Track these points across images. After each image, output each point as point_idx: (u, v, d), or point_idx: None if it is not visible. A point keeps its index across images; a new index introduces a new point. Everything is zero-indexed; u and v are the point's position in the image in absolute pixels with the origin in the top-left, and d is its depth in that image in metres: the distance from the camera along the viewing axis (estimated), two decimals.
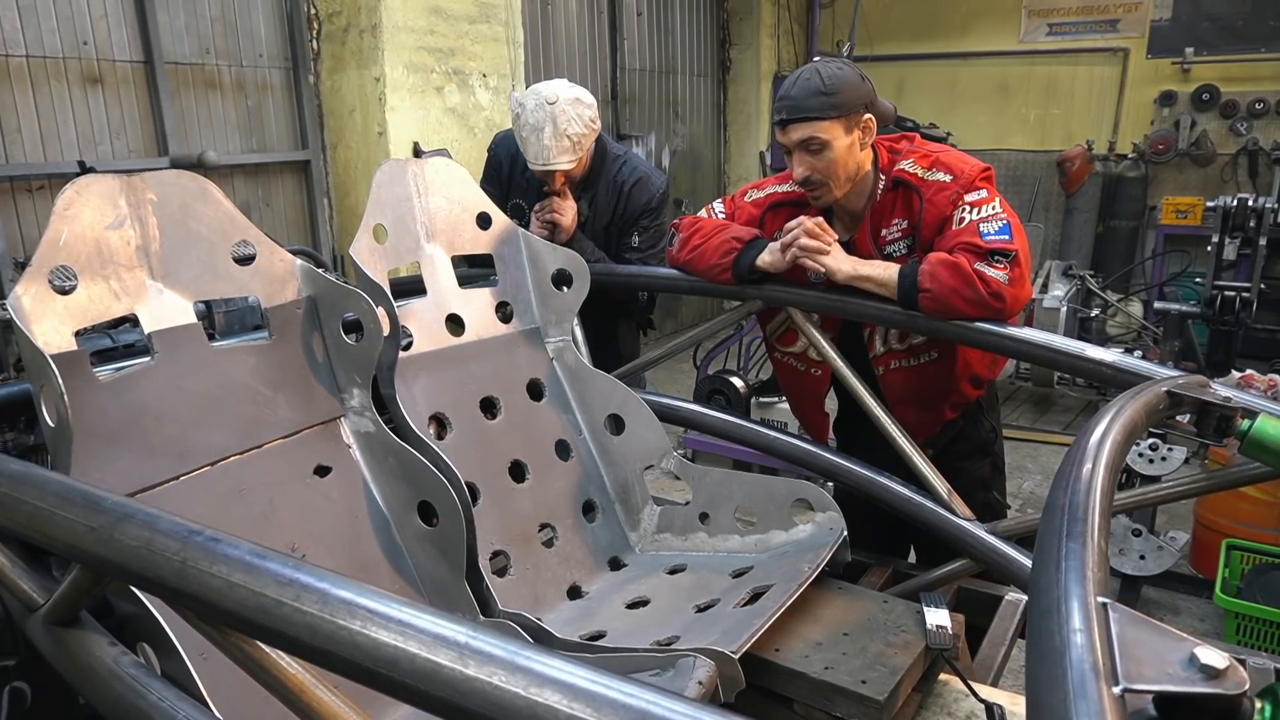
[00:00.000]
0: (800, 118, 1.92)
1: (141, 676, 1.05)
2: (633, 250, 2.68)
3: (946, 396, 2.14)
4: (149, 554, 0.84)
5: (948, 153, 2.02)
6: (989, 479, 2.29)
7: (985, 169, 1.97)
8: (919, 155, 2.01)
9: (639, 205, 2.68)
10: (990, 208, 1.89)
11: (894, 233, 2.02)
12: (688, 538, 1.97)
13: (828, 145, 1.92)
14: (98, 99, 3.59)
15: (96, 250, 1.40)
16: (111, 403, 1.37)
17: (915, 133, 2.11)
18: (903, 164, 2.01)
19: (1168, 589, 3.62)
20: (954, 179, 1.93)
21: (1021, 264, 1.85)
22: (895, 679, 1.41)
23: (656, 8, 7.10)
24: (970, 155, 2.03)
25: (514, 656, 0.66)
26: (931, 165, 1.98)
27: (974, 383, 2.16)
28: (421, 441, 1.67)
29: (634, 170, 2.70)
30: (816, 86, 1.90)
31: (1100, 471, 0.95)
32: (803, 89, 1.92)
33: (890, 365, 2.12)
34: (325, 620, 0.72)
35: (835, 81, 1.90)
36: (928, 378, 2.11)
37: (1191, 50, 7.10)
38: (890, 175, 2.01)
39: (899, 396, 2.09)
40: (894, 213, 2.02)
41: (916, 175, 1.98)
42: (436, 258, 1.95)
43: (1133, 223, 7.28)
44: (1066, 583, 0.74)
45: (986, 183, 1.94)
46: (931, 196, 1.94)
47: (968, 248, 1.85)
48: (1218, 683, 0.63)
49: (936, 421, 2.17)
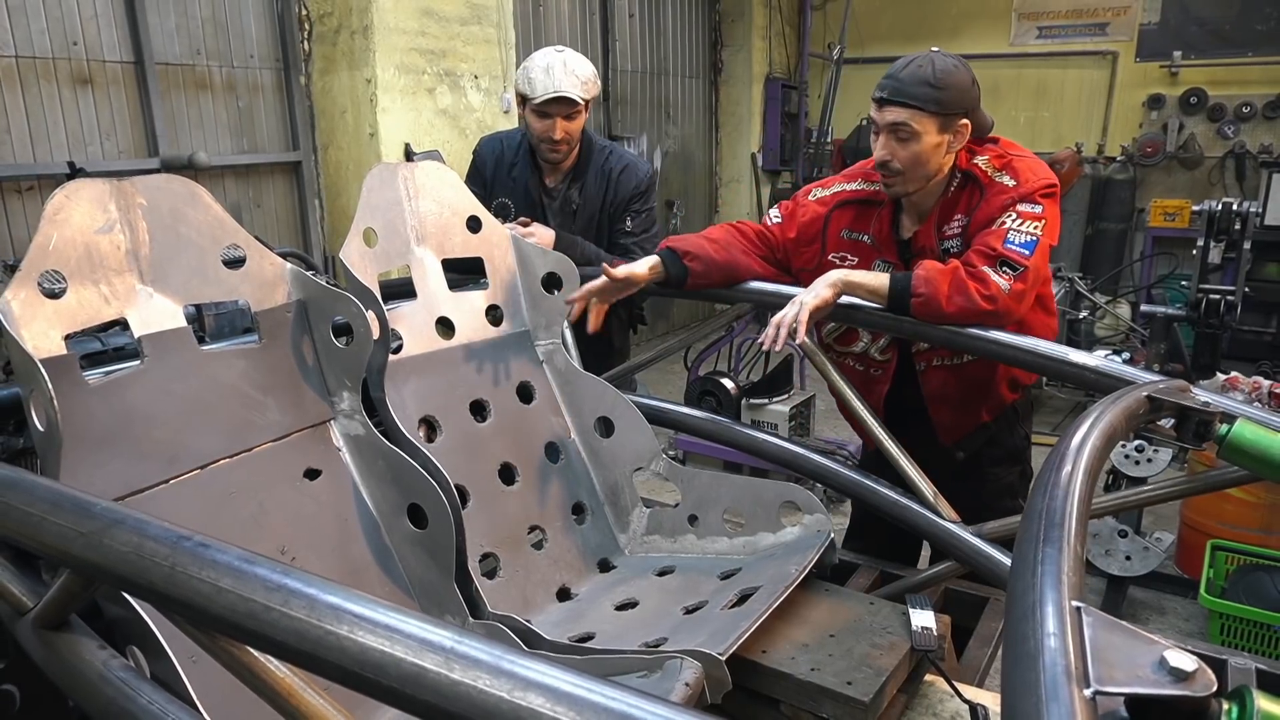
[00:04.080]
0: (899, 101, 1.88)
1: (131, 680, 1.05)
2: (627, 235, 2.72)
3: (984, 399, 2.13)
4: (138, 559, 0.85)
5: (1024, 159, 1.99)
6: (1016, 486, 2.27)
7: (1051, 184, 1.93)
8: (995, 154, 1.99)
9: (628, 190, 2.74)
10: (1034, 225, 1.86)
11: (954, 228, 2.00)
12: (676, 540, 1.99)
13: (917, 137, 1.89)
14: (88, 100, 3.58)
15: (86, 254, 1.40)
16: (101, 406, 1.38)
17: (1000, 136, 2.09)
18: (978, 159, 1.99)
19: (1154, 589, 3.65)
20: (1017, 185, 1.91)
21: (1028, 280, 1.85)
22: (881, 680, 1.43)
23: (648, 9, 7.11)
24: (1045, 166, 1.99)
25: (498, 660, 0.67)
26: (1003, 167, 1.96)
27: (1012, 386, 2.14)
28: (411, 444, 1.68)
29: (620, 158, 2.79)
30: (926, 76, 1.87)
31: (1079, 477, 0.97)
32: (912, 74, 1.88)
33: (932, 363, 2.11)
34: (313, 625, 0.73)
35: (946, 77, 1.87)
36: (967, 378, 2.09)
37: (1180, 54, 7.15)
38: (964, 171, 1.99)
39: (937, 394, 2.07)
40: (959, 208, 2.00)
41: (986, 173, 1.96)
42: (426, 261, 1.96)
43: (1121, 225, 7.33)
44: (1042, 587, 0.75)
45: (1046, 199, 1.91)
46: (990, 198, 1.93)
47: (984, 249, 1.86)
48: (1186, 685, 0.64)
49: (971, 423, 2.15)
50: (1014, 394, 2.16)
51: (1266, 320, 6.08)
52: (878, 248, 2.10)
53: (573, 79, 2.57)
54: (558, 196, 2.79)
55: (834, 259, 2.13)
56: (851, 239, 2.13)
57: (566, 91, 2.56)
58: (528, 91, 2.61)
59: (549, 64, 2.57)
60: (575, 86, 2.57)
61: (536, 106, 2.60)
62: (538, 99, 2.58)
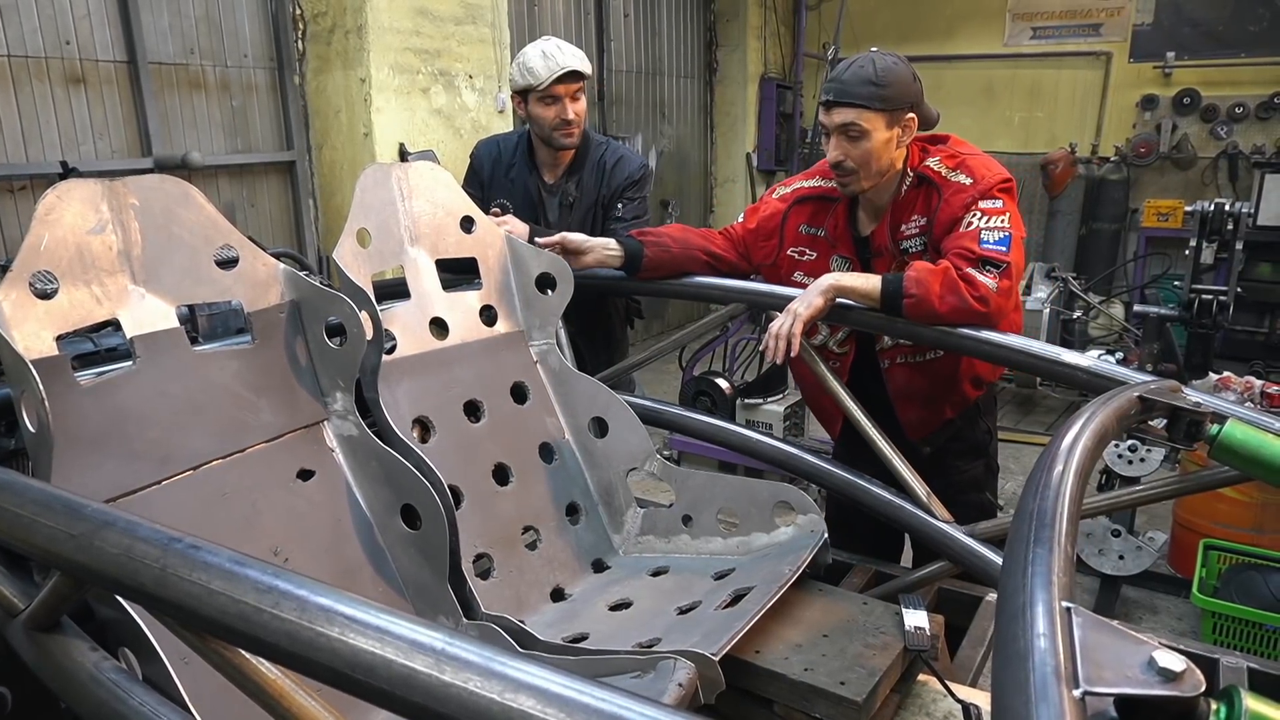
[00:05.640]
0: (846, 102, 1.94)
1: (123, 682, 1.05)
2: (618, 221, 2.73)
3: (948, 395, 2.17)
4: (128, 561, 0.85)
5: (975, 156, 2.03)
6: (982, 480, 2.33)
7: (1006, 179, 1.98)
8: (946, 155, 2.03)
9: (621, 179, 2.77)
10: (1000, 220, 1.91)
11: (912, 229, 2.04)
12: (670, 540, 1.99)
13: (866, 134, 1.94)
14: (80, 99, 3.57)
15: (78, 255, 1.40)
16: (93, 407, 1.37)
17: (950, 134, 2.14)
18: (929, 161, 2.03)
19: (1147, 588, 3.66)
20: (973, 183, 1.96)
21: (1012, 276, 1.89)
22: (874, 680, 1.43)
23: (643, 9, 7.11)
24: (997, 163, 2.04)
25: (489, 662, 0.67)
26: (956, 166, 2.00)
27: (975, 383, 2.19)
28: (405, 445, 1.67)
29: (614, 151, 2.83)
30: (869, 75, 1.92)
31: (1070, 477, 0.97)
32: (855, 75, 1.94)
33: (895, 360, 2.15)
34: (304, 627, 0.73)
35: (888, 74, 1.92)
36: (931, 375, 2.13)
37: (1173, 54, 7.17)
38: (916, 171, 2.03)
39: (902, 392, 2.11)
40: (914, 209, 2.04)
41: (940, 174, 2.00)
42: (420, 261, 1.96)
43: (1115, 225, 7.34)
44: (1032, 588, 0.75)
45: (1004, 194, 1.96)
46: (949, 198, 1.97)
47: (963, 252, 1.88)
48: (1175, 685, 0.65)
49: (936, 420, 2.19)
50: (977, 390, 2.21)
51: (1259, 320, 6.10)
52: (833, 243, 2.16)
53: (572, 55, 2.61)
54: (556, 193, 2.80)
55: (792, 254, 2.20)
56: (809, 234, 2.19)
57: (572, 65, 2.59)
58: (530, 81, 2.61)
59: (543, 50, 2.61)
60: (577, 60, 2.61)
61: (543, 92, 2.60)
62: (543, 83, 2.58)
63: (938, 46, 8.01)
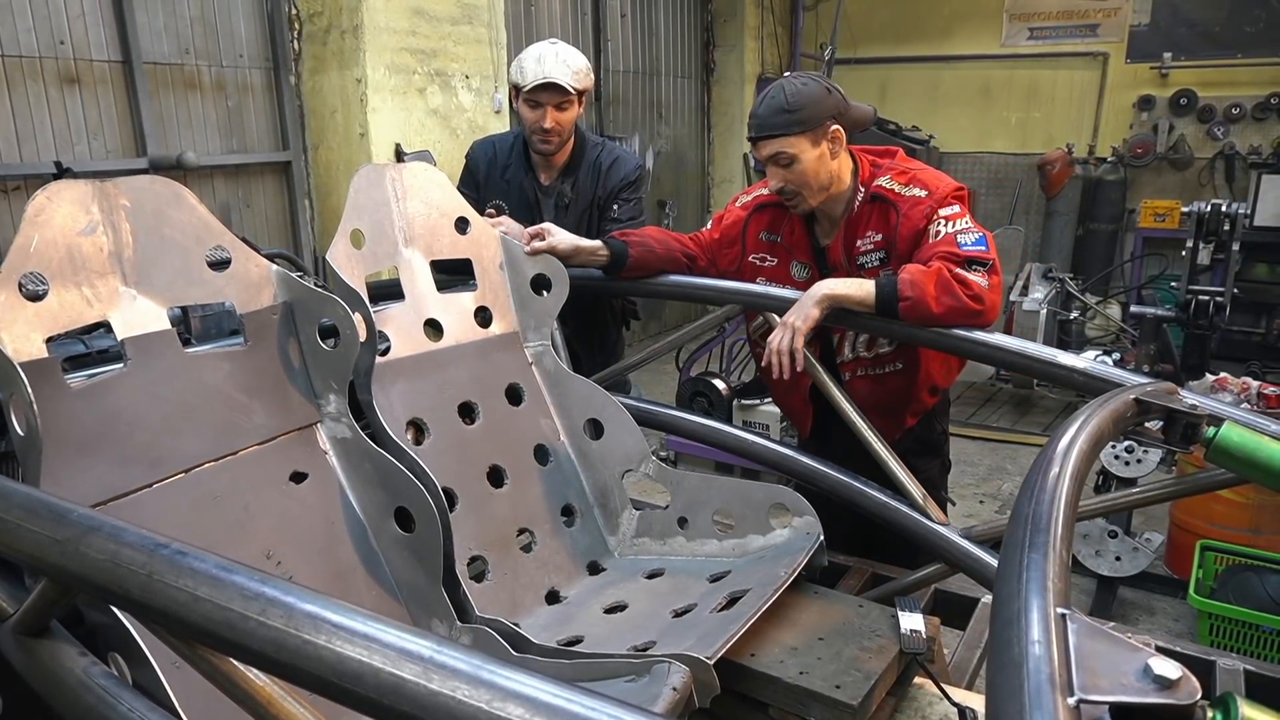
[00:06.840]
0: (766, 135, 2.02)
1: (112, 687, 1.04)
2: (613, 222, 2.73)
3: (907, 405, 2.24)
4: (114, 567, 0.84)
5: (925, 170, 2.10)
6: (937, 478, 2.39)
7: (959, 187, 2.05)
8: (897, 172, 2.09)
9: (617, 180, 2.77)
10: (963, 222, 1.97)
11: (867, 244, 2.10)
12: (666, 542, 1.98)
13: (795, 159, 2.01)
14: (75, 99, 3.55)
15: (68, 256, 1.39)
16: (83, 410, 1.36)
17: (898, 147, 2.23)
18: (880, 180, 2.09)
19: (1143, 589, 3.66)
20: (929, 194, 2.02)
21: (998, 272, 1.94)
22: (869, 683, 1.42)
23: (640, 9, 7.10)
24: (945, 174, 2.12)
25: (477, 670, 0.66)
26: (909, 182, 2.06)
27: (932, 391, 2.26)
28: (398, 447, 1.66)
29: (610, 152, 2.82)
30: (780, 104, 2.00)
31: (1065, 481, 0.96)
32: (768, 107, 2.02)
33: (856, 373, 2.21)
34: (290, 635, 0.72)
35: (798, 98, 1.99)
36: (890, 388, 2.20)
37: (1170, 55, 7.17)
38: (869, 189, 2.09)
39: (862, 404, 2.14)
40: (869, 225, 2.10)
41: (893, 191, 2.06)
42: (414, 262, 1.95)
43: (1112, 226, 7.35)
44: (1027, 594, 0.75)
45: (958, 200, 2.02)
46: (907, 211, 2.02)
47: (947, 256, 1.91)
48: (1170, 693, 0.64)
49: (897, 428, 2.25)
50: (934, 398, 2.29)
51: (1255, 321, 6.11)
52: (790, 250, 2.21)
53: (563, 67, 2.58)
54: (552, 194, 2.79)
55: (754, 260, 2.26)
56: (769, 240, 2.25)
57: (556, 78, 2.56)
58: (519, 80, 2.61)
59: (541, 54, 2.59)
60: (566, 75, 2.57)
61: (528, 95, 2.60)
62: (528, 86, 2.58)
63: (935, 47, 8.02)
